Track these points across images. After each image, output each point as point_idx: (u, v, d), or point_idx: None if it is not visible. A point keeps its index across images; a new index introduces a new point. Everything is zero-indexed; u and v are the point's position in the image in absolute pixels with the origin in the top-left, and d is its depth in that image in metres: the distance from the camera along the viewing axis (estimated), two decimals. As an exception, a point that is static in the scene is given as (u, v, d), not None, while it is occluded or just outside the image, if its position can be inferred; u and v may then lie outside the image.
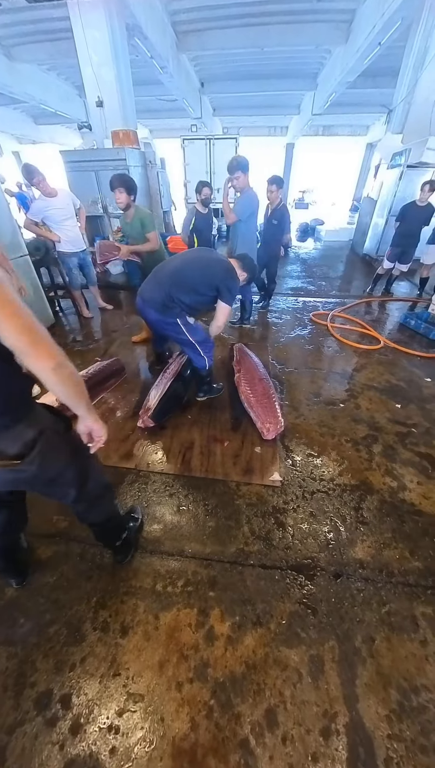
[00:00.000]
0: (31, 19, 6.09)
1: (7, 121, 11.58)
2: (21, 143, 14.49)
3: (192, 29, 6.81)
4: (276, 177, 3.54)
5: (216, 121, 13.52)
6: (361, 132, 15.07)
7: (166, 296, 1.90)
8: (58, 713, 1.03)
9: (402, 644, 1.17)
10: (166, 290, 1.89)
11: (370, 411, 2.40)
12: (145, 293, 1.98)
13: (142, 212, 2.70)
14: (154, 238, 2.69)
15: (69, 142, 13.90)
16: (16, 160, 15.40)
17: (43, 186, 3.22)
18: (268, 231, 3.72)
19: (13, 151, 14.96)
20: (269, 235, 3.74)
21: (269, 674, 1.10)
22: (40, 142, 13.97)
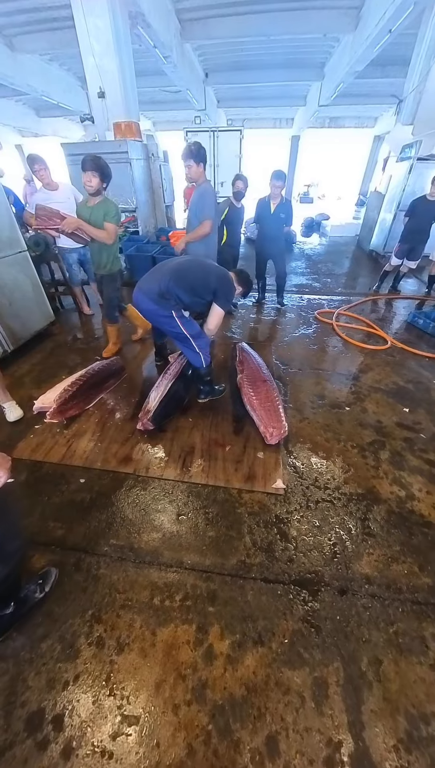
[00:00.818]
0: (32, 6, 5.94)
1: (9, 113, 11.43)
2: (23, 136, 14.32)
3: (197, 17, 6.61)
4: (280, 172, 3.44)
5: (220, 113, 13.25)
6: (369, 124, 14.71)
7: (165, 288, 1.93)
8: (49, 735, 0.99)
9: (411, 668, 1.11)
10: (166, 283, 1.93)
11: (376, 414, 2.32)
12: (143, 285, 2.02)
13: (110, 203, 2.47)
14: (112, 230, 2.43)
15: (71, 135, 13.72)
16: (19, 154, 15.26)
17: (43, 176, 3.18)
18: (274, 226, 3.65)
19: (15, 144, 14.82)
20: (275, 229, 3.68)
21: (270, 698, 1.05)
22: (42, 135, 13.80)
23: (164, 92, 9.88)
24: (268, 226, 3.70)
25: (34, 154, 3.22)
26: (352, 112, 13.44)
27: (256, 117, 15.06)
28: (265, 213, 3.62)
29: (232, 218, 3.66)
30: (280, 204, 3.53)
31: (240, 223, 3.87)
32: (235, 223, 3.75)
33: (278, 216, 3.58)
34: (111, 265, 2.65)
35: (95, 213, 2.39)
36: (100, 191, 2.39)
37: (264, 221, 3.70)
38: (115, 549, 1.46)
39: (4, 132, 12.87)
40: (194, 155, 2.55)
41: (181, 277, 1.95)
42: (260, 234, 3.88)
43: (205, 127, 8.49)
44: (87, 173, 2.27)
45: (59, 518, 1.60)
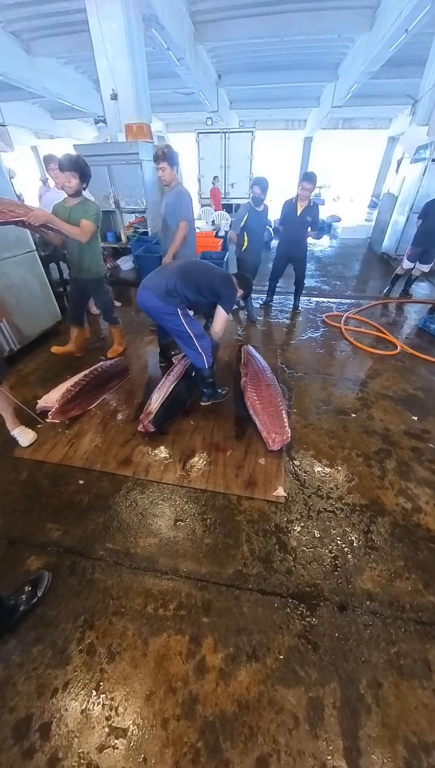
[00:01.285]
0: (49, 11, 6.04)
1: (25, 115, 11.67)
2: (38, 138, 14.60)
3: (210, 19, 6.62)
4: (311, 174, 3.30)
5: (232, 114, 13.25)
6: (383, 125, 14.49)
7: (172, 287, 1.96)
8: (36, 744, 0.97)
9: (412, 692, 1.06)
10: (173, 281, 1.97)
11: (383, 422, 2.26)
12: (148, 282, 2.04)
13: (90, 203, 2.34)
14: (88, 228, 2.23)
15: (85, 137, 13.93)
16: (34, 155, 15.58)
17: (57, 175, 3.23)
18: (299, 229, 3.53)
19: (31, 146, 15.14)
20: (299, 233, 3.56)
21: (263, 717, 1.01)
22: (57, 137, 14.04)
23: (177, 94, 9.93)
24: (293, 229, 3.54)
25: (50, 155, 3.29)
26: (366, 113, 13.27)
27: (269, 118, 15.02)
28: (290, 215, 3.48)
29: (253, 224, 3.44)
30: (307, 207, 3.41)
31: (262, 229, 3.60)
32: (257, 228, 3.50)
33: (304, 219, 3.43)
34: (95, 268, 2.52)
35: (74, 213, 2.27)
36: (79, 192, 2.28)
37: (289, 224, 3.56)
38: (111, 553, 1.45)
39: (20, 134, 13.14)
40: (168, 158, 2.51)
41: (188, 276, 2.00)
42: (284, 236, 3.73)
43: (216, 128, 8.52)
44: (66, 173, 2.17)
45: (57, 519, 1.59)
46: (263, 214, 3.47)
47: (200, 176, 8.71)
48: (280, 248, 3.81)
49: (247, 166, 8.23)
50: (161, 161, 2.53)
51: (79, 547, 1.48)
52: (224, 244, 5.56)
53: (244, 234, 3.44)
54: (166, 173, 2.59)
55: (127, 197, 5.34)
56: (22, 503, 1.68)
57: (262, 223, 3.54)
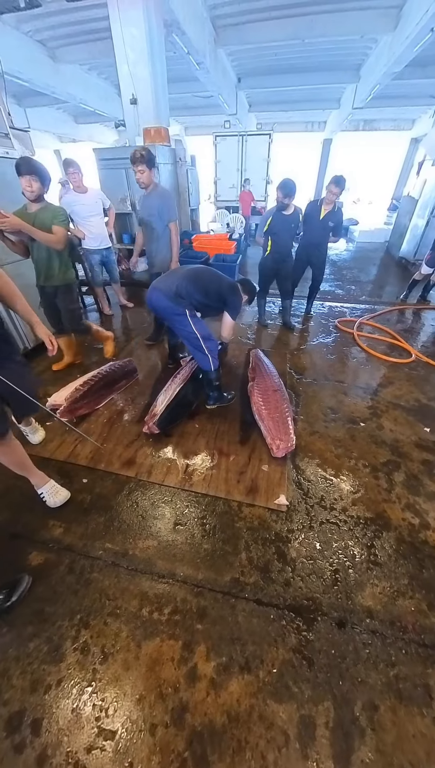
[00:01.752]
0: (74, 20, 6.22)
1: (50, 120, 12.05)
2: (62, 141, 15.06)
3: (231, 23, 6.66)
4: (340, 177, 3.15)
5: (251, 117, 13.26)
6: (406, 126, 14.14)
7: (181, 289, 2.03)
8: (27, 739, 0.99)
9: (410, 719, 1.01)
10: (183, 285, 2.04)
11: (393, 433, 2.19)
12: (159, 284, 2.10)
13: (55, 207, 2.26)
14: (62, 235, 2.19)
15: (106, 140, 14.28)
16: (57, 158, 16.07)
17: (75, 179, 3.33)
18: (320, 233, 3.40)
19: (54, 150, 15.62)
20: (320, 236, 3.43)
21: (252, 731, 0.99)
22: (79, 141, 14.43)
23: (196, 97, 10.02)
24: (314, 231, 3.41)
25: (69, 159, 3.38)
26: (388, 114, 12.98)
27: (288, 121, 14.93)
28: (313, 217, 3.36)
29: (277, 228, 3.25)
30: (331, 211, 3.28)
31: (288, 233, 3.30)
32: (281, 231, 3.26)
33: (326, 223, 3.30)
34: (64, 275, 2.40)
35: (39, 219, 2.17)
36: (41, 196, 2.17)
37: (309, 225, 3.41)
38: (110, 553, 1.46)
39: (44, 138, 13.58)
40: (146, 160, 2.48)
41: (198, 281, 2.09)
42: (304, 240, 3.56)
43: (234, 131, 8.53)
44: (25, 178, 2.04)
45: (59, 517, 1.62)
46: (291, 218, 3.21)
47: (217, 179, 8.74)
48: (300, 252, 3.66)
49: (263, 169, 8.20)
50: (140, 164, 2.48)
51: (79, 545, 1.50)
52: (238, 247, 5.56)
53: (268, 238, 3.32)
54: (145, 176, 2.55)
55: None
56: (27, 499, 1.72)
57: (289, 228, 3.27)
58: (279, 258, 3.40)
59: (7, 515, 1.64)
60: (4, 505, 1.69)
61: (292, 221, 3.24)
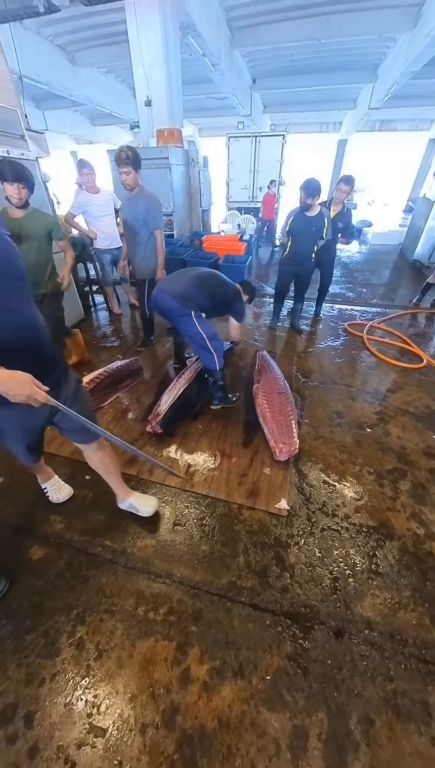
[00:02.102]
0: (92, 24, 6.35)
1: (67, 122, 12.30)
2: (78, 143, 15.35)
3: (247, 24, 6.66)
4: (349, 177, 3.13)
5: (265, 117, 13.22)
6: (424, 126, 13.84)
7: (188, 292, 2.06)
8: (19, 731, 1.00)
9: (407, 736, 0.98)
10: (191, 288, 2.08)
11: (401, 440, 2.13)
12: (166, 286, 2.13)
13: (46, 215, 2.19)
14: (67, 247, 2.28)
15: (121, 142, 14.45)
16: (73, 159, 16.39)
17: (88, 180, 3.38)
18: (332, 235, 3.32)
19: (71, 151, 15.94)
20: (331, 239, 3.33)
21: (243, 738, 0.98)
22: (95, 142, 14.68)
23: (211, 99, 10.06)
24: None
25: (83, 160, 3.45)
26: (406, 114, 12.74)
27: (303, 121, 14.83)
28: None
29: (299, 228, 3.06)
30: (340, 212, 3.24)
31: (309, 235, 3.05)
32: (302, 233, 3.06)
33: (335, 224, 3.24)
34: (54, 282, 2.37)
35: (26, 226, 2.11)
36: (27, 202, 2.10)
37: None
38: (108, 551, 1.47)
39: (61, 140, 13.87)
40: (132, 162, 2.35)
41: (204, 285, 2.13)
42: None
43: (247, 132, 8.52)
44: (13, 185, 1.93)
45: (61, 512, 1.65)
46: (314, 220, 2.97)
47: (229, 180, 8.74)
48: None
49: (276, 170, 8.15)
50: (125, 165, 2.34)
51: (79, 541, 1.51)
52: (248, 248, 5.54)
53: (289, 238, 3.18)
54: (131, 177, 2.42)
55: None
56: (31, 493, 1.75)
57: (310, 231, 3.03)
58: (297, 261, 3.23)
59: (10, 509, 1.67)
60: (8, 499, 1.73)
61: (315, 224, 2.99)
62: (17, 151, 2.61)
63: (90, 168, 3.38)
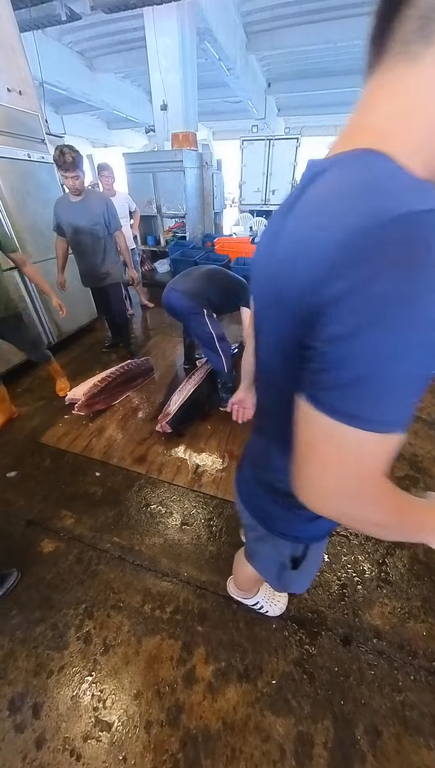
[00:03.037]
0: (111, 31, 6.50)
1: (84, 126, 12.60)
2: (94, 147, 15.66)
3: (263, 29, 6.70)
4: None
5: (280, 121, 13.25)
6: (442, 128, 13.62)
7: (199, 287, 2.09)
8: (27, 721, 1.02)
9: (415, 750, 0.96)
10: (203, 285, 2.10)
11: (413, 446, 2.09)
12: (177, 285, 2.14)
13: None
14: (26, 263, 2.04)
15: (136, 145, 14.71)
16: (89, 163, 16.73)
17: (107, 182, 3.45)
18: None
19: (87, 155, 16.28)
20: None
21: (247, 741, 0.98)
22: (111, 146, 14.97)
23: (226, 102, 10.14)
24: None
25: (104, 163, 3.51)
26: (424, 116, 12.56)
27: (317, 125, 14.77)
28: None
29: None
30: None
31: None
32: None
33: None
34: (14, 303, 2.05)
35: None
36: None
37: None
38: (117, 547, 1.49)
39: (78, 143, 14.11)
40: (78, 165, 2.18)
41: (214, 280, 2.16)
42: None
43: (261, 135, 8.52)
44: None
45: (71, 507, 1.67)
46: None
47: (242, 183, 8.77)
48: None
49: (289, 173, 8.14)
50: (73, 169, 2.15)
51: (89, 536, 1.54)
52: (259, 250, 5.55)
53: None
54: (79, 182, 2.28)
55: (168, 203, 5.53)
56: (42, 488, 1.79)
57: None
58: None
59: (22, 503, 1.71)
60: (20, 492, 1.77)
61: None
62: (38, 155, 2.69)
63: (110, 171, 3.45)
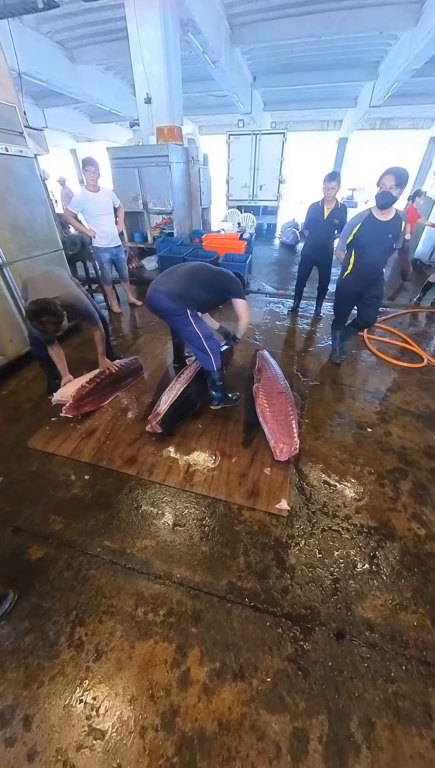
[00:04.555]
0: (92, 20, 6.30)
1: (67, 120, 12.24)
2: (78, 141, 15.28)
3: (248, 21, 6.62)
4: (334, 173, 3.14)
5: (266, 116, 13.17)
6: (425, 125, 13.80)
7: (184, 289, 2.02)
8: (17, 733, 0.99)
9: (408, 739, 0.97)
10: (185, 284, 2.04)
11: (402, 440, 2.13)
12: (159, 285, 2.07)
13: None
14: None
15: (121, 140, 14.41)
16: (73, 158, 16.34)
17: (91, 177, 3.35)
18: (326, 233, 3.36)
19: (70, 149, 15.88)
20: (326, 237, 3.39)
21: (243, 740, 0.97)
22: (95, 140, 14.62)
23: (211, 96, 10.02)
24: (319, 233, 3.38)
25: (89, 157, 3.41)
26: (407, 112, 12.72)
27: (303, 119, 14.79)
28: (317, 218, 3.32)
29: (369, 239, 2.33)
30: (334, 209, 3.23)
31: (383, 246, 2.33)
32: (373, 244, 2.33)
33: (331, 222, 3.24)
34: None
35: None
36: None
37: (315, 227, 3.38)
38: (108, 551, 1.46)
39: (60, 137, 13.81)
40: (59, 331, 1.91)
41: (197, 277, 2.10)
42: (310, 240, 3.53)
43: (247, 130, 8.46)
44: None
45: (60, 512, 1.64)
46: (389, 226, 2.27)
47: (229, 178, 8.70)
48: (305, 252, 3.67)
49: (277, 168, 8.11)
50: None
51: (79, 541, 1.50)
52: (248, 247, 5.52)
53: (352, 252, 2.46)
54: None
55: (155, 198, 5.44)
56: (30, 493, 1.74)
57: (385, 240, 2.30)
58: (365, 279, 2.51)
59: (9, 509, 1.66)
60: (6, 499, 1.71)
61: (391, 230, 2.27)
62: (15, 148, 2.59)
63: (95, 166, 3.35)
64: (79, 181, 14.96)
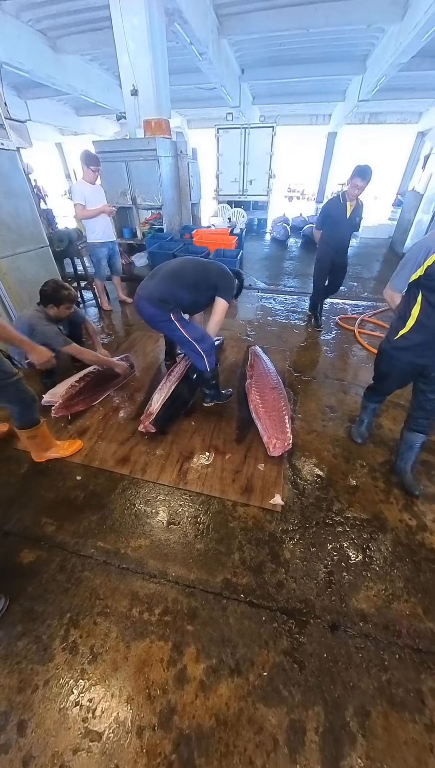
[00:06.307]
0: (74, 8, 6.10)
1: (51, 113, 11.90)
2: (63, 134, 14.90)
3: (235, 12, 6.50)
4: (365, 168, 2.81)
5: (254, 109, 13.04)
6: (412, 119, 13.88)
7: (165, 292, 1.91)
8: (12, 739, 0.98)
9: (402, 725, 0.99)
10: (166, 287, 1.91)
11: (393, 432, 2.15)
12: (143, 290, 1.97)
13: None
14: None
15: (108, 133, 14.10)
16: (59, 152, 15.94)
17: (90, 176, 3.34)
18: (348, 232, 3.13)
19: (55, 143, 15.48)
20: (347, 237, 3.16)
21: (241, 735, 0.98)
22: (81, 133, 14.26)
23: (199, 89, 9.85)
24: (342, 231, 3.07)
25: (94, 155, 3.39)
26: (395, 107, 12.76)
27: (292, 113, 14.69)
28: (338, 216, 2.97)
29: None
30: (355, 207, 2.97)
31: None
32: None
33: (353, 220, 3.00)
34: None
35: None
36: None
37: (337, 226, 3.02)
38: (101, 552, 1.44)
39: (45, 131, 13.46)
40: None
41: (179, 278, 1.95)
42: (330, 239, 3.14)
43: (236, 124, 8.39)
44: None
45: (52, 514, 1.61)
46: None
47: (219, 173, 8.62)
48: (324, 253, 3.25)
49: (266, 163, 8.07)
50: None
51: (71, 543, 1.48)
52: (239, 243, 5.49)
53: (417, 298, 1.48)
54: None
55: (143, 193, 5.35)
56: (20, 496, 1.71)
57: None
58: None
59: (-1, 512, 1.63)
60: (-4, 501, 1.68)
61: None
62: (-3, 141, 2.50)
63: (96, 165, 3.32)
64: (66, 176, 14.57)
